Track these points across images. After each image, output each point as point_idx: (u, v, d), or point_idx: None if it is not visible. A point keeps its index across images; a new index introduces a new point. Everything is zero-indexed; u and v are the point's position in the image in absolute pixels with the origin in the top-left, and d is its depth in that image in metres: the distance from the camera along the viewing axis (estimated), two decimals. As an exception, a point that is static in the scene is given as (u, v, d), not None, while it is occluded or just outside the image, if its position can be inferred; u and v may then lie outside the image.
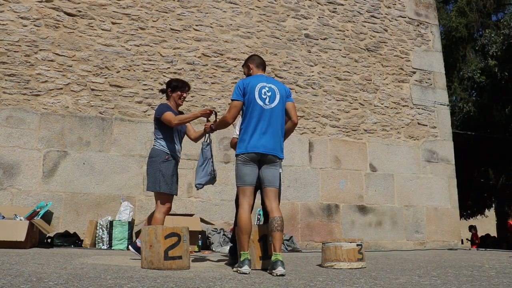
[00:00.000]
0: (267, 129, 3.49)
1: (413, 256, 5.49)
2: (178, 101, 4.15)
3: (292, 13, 7.82)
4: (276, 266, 3.10)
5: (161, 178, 3.82)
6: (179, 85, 4.14)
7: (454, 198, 8.21)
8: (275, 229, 3.31)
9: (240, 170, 3.48)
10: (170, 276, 2.81)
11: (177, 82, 4.19)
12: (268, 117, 3.50)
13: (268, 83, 3.62)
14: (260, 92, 3.53)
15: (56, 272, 2.82)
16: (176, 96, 4.13)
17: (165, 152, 3.91)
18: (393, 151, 7.95)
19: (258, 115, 3.49)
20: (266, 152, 3.46)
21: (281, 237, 3.31)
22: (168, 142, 3.96)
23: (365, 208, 7.51)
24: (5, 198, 5.73)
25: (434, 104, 8.51)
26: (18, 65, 6.15)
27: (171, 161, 3.93)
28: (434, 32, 8.92)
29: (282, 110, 3.59)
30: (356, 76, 8.03)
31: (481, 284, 2.79)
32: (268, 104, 3.52)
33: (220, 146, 6.88)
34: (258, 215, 6.43)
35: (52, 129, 6.13)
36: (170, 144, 3.96)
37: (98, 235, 5.68)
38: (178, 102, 4.16)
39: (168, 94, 4.17)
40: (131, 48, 6.72)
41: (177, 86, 4.13)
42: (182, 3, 7.15)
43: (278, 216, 3.38)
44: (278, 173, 3.53)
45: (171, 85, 4.16)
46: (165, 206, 3.88)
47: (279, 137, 3.55)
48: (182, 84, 4.16)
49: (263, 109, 3.50)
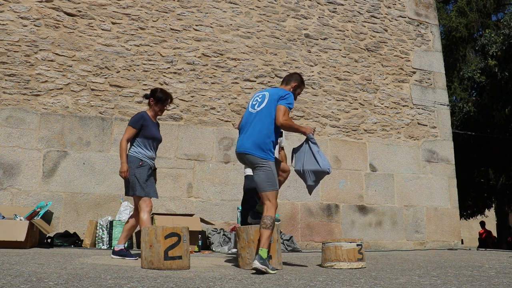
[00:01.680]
0: (248, 129, 3.61)
1: (413, 256, 5.49)
2: (158, 113, 4.33)
3: (292, 13, 7.82)
4: (254, 259, 3.22)
5: (136, 183, 4.02)
6: (163, 97, 4.28)
7: (454, 198, 8.21)
8: (261, 227, 3.39)
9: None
10: (170, 276, 2.81)
11: (162, 93, 4.31)
12: (252, 120, 3.62)
13: (265, 91, 3.75)
14: (252, 100, 3.76)
15: (56, 272, 2.82)
16: (157, 108, 4.29)
17: (139, 158, 4.08)
18: (393, 151, 7.95)
19: (245, 120, 3.70)
20: (242, 151, 3.57)
21: (267, 235, 3.34)
22: (141, 149, 4.14)
23: (365, 208, 7.51)
24: (5, 198, 5.73)
25: (434, 104, 8.51)
26: (18, 65, 6.15)
27: (145, 167, 4.09)
28: (434, 32, 8.92)
29: (269, 111, 3.59)
30: (356, 76, 8.03)
31: (481, 284, 2.79)
32: (256, 108, 3.66)
33: (220, 146, 6.88)
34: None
35: (52, 129, 6.13)
36: (143, 151, 4.14)
37: (98, 235, 5.68)
38: (158, 114, 4.34)
39: (150, 103, 4.30)
40: (131, 48, 6.72)
41: (161, 99, 4.27)
42: (182, 3, 7.15)
43: (267, 216, 3.43)
44: (264, 175, 3.48)
45: (155, 95, 4.29)
46: (147, 207, 4.05)
47: (257, 135, 3.54)
48: (166, 97, 4.31)
49: (250, 114, 3.68)
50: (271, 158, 3.53)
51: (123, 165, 4.02)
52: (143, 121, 4.14)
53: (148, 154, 4.15)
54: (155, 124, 4.27)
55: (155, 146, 4.27)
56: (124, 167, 4.02)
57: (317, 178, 3.71)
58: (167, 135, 6.62)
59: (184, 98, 6.84)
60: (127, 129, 4.13)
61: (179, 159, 6.61)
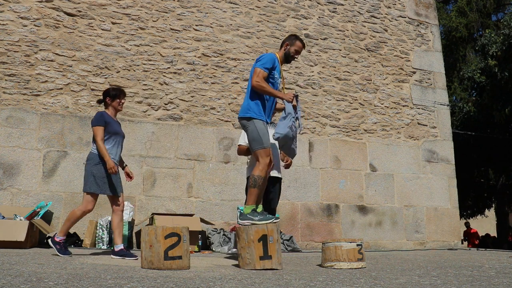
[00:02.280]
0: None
1: (413, 256, 5.49)
2: (118, 108, 4.44)
3: (292, 13, 7.82)
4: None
5: (92, 180, 4.11)
6: (117, 93, 4.42)
7: (454, 198, 8.21)
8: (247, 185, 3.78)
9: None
10: (170, 276, 2.81)
11: (115, 90, 4.45)
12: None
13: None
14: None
15: (56, 272, 2.82)
16: (115, 104, 4.41)
17: (98, 155, 4.17)
18: (393, 151, 7.95)
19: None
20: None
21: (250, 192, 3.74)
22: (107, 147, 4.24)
23: (365, 208, 7.51)
24: (5, 198, 5.73)
25: (434, 104, 8.51)
26: (18, 65, 6.15)
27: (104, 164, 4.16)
28: (434, 32, 8.92)
29: (250, 77, 3.85)
30: (356, 76, 8.03)
31: (481, 284, 2.79)
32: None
33: (220, 146, 6.88)
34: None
35: (52, 129, 6.13)
36: (109, 149, 4.23)
37: (98, 235, 5.68)
38: (118, 109, 4.45)
39: (106, 103, 4.41)
40: (131, 48, 6.72)
41: (116, 95, 4.41)
42: (182, 3, 7.15)
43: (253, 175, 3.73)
44: (250, 135, 3.75)
45: (110, 94, 4.41)
46: (87, 206, 4.15)
47: (243, 101, 3.91)
48: (119, 92, 4.45)
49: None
50: (254, 115, 3.74)
51: (109, 163, 4.10)
52: (105, 118, 4.26)
53: (112, 151, 4.26)
54: (116, 122, 4.41)
55: (119, 142, 4.38)
56: (111, 163, 4.10)
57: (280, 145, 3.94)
58: (167, 135, 6.62)
59: (184, 98, 6.84)
60: (95, 130, 4.19)
61: (179, 159, 6.61)
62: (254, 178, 3.70)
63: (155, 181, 6.42)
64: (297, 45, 4.01)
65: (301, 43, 4.04)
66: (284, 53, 4.02)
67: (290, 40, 4.03)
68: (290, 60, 4.07)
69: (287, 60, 4.07)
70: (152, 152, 6.50)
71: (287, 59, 4.06)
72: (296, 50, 4.01)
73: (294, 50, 4.00)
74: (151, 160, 6.47)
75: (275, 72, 3.90)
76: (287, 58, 4.04)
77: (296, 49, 4.02)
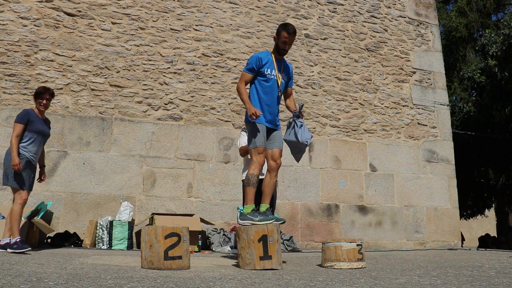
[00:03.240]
0: None
1: (413, 256, 5.49)
2: (39, 108, 4.54)
3: (292, 13, 7.82)
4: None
5: (10, 174, 4.26)
6: (39, 93, 4.52)
7: (454, 198, 8.21)
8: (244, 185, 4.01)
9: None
10: (170, 276, 2.81)
11: (39, 89, 4.57)
12: None
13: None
14: None
15: (56, 272, 2.82)
16: (37, 103, 4.53)
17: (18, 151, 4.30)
18: (393, 151, 7.95)
19: None
20: None
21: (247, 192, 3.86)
22: (24, 143, 4.36)
23: (365, 208, 7.51)
24: (5, 198, 5.73)
25: (434, 104, 8.51)
26: (18, 65, 6.15)
27: (22, 160, 4.29)
28: (434, 32, 8.92)
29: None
30: (356, 76, 8.03)
31: (481, 284, 2.79)
32: None
33: (220, 146, 6.88)
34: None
35: (52, 129, 6.11)
36: (25, 145, 4.36)
37: (98, 235, 5.67)
38: (40, 109, 4.54)
39: (35, 101, 4.56)
40: (131, 48, 6.72)
41: (38, 95, 4.52)
42: (182, 3, 7.15)
43: (248, 174, 3.89)
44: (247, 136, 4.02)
45: (35, 93, 4.55)
46: (21, 199, 4.28)
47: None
48: (42, 92, 4.52)
49: None
50: (247, 119, 3.91)
51: (14, 159, 4.21)
52: (29, 116, 4.37)
53: (31, 149, 4.37)
54: (41, 120, 4.50)
55: (41, 141, 4.50)
56: (15, 160, 4.20)
57: (299, 149, 4.11)
58: (167, 135, 6.62)
59: (184, 98, 6.84)
60: (14, 126, 4.34)
61: (179, 159, 6.61)
62: (248, 177, 3.82)
63: (155, 181, 6.42)
64: (282, 36, 3.94)
65: (286, 33, 3.93)
66: (274, 47, 4.03)
67: (277, 32, 4.00)
68: (282, 53, 4.01)
69: (279, 53, 4.02)
70: (152, 152, 6.50)
71: (279, 52, 4.02)
72: (283, 41, 3.95)
73: (281, 42, 3.96)
74: (151, 160, 6.47)
75: (266, 69, 3.91)
76: (278, 51, 4.01)
77: (283, 40, 3.95)
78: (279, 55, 4.03)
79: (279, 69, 3.98)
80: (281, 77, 4.03)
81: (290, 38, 3.95)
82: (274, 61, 3.99)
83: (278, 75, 3.98)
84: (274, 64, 3.97)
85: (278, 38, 3.97)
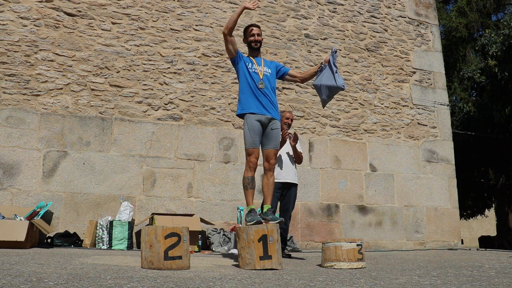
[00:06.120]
0: None
1: (413, 256, 5.49)
2: None
3: (292, 13, 7.82)
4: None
5: None
6: None
7: (454, 198, 8.21)
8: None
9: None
10: (170, 276, 2.81)
11: None
12: None
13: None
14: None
15: (56, 272, 2.81)
16: None
17: None
18: (393, 151, 7.95)
19: None
20: None
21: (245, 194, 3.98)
22: None
23: (365, 208, 7.51)
24: (5, 198, 5.73)
25: (434, 104, 8.51)
26: (18, 65, 6.15)
27: None
28: (434, 32, 8.92)
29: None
30: (356, 76, 8.03)
31: (481, 284, 2.79)
32: None
33: (220, 146, 6.88)
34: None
35: (52, 129, 6.13)
36: None
37: (98, 235, 5.68)
38: None
39: None
40: (131, 48, 6.72)
41: None
42: (182, 3, 7.15)
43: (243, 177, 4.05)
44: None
45: None
46: None
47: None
48: None
49: None
50: (239, 110, 4.09)
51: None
52: None
53: None
54: None
55: None
56: None
57: (331, 93, 4.24)
58: (167, 135, 6.62)
59: (184, 98, 6.84)
60: None
61: (179, 159, 6.61)
62: (244, 179, 3.96)
63: (155, 181, 6.42)
64: (248, 33, 4.22)
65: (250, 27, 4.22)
66: (248, 49, 4.28)
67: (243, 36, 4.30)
68: (255, 46, 4.20)
69: (254, 49, 4.22)
70: (152, 152, 6.50)
71: (253, 49, 4.23)
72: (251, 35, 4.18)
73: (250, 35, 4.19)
74: (151, 160, 6.47)
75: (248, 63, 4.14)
76: (252, 48, 4.22)
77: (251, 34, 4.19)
78: (254, 51, 4.23)
79: (259, 63, 4.18)
80: (264, 70, 4.19)
81: (256, 29, 4.22)
82: (253, 59, 4.20)
83: (259, 68, 4.17)
84: (253, 60, 4.18)
85: (246, 39, 4.24)
